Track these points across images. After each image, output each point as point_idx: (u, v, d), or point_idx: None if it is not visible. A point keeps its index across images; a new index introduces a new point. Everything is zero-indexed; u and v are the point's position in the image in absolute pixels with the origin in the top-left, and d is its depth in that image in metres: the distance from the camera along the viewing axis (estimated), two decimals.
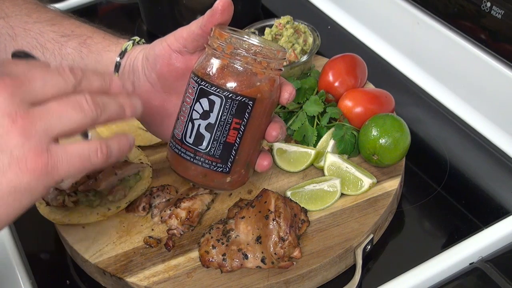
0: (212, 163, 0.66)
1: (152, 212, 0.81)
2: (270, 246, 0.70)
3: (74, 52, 0.72)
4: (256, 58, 0.63)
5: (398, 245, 0.80)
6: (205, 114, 0.64)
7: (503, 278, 0.69)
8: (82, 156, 0.51)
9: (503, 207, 0.83)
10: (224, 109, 0.63)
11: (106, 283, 0.76)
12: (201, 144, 0.65)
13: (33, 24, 0.73)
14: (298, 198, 0.80)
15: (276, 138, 0.68)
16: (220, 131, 0.64)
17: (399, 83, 1.06)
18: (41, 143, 0.48)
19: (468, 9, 0.92)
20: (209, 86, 0.63)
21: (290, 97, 0.67)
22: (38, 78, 0.50)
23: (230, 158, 0.66)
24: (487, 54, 0.92)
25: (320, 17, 1.24)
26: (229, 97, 0.63)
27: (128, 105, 0.56)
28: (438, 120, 0.98)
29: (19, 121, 0.47)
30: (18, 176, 0.48)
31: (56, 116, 0.49)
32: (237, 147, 0.65)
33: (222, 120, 0.64)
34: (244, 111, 0.64)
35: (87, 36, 0.73)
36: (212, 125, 0.64)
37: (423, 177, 0.89)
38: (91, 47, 0.72)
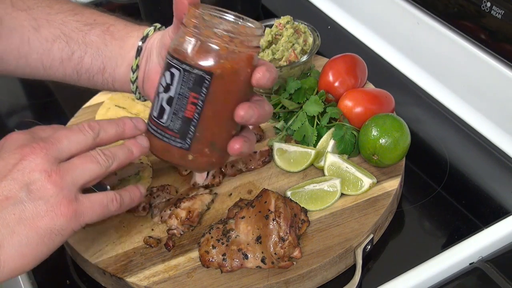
0: (172, 137, 0.64)
1: (152, 212, 0.81)
2: (270, 246, 0.70)
3: (98, 40, 0.73)
4: (217, 31, 0.61)
5: (398, 245, 0.80)
6: (167, 87, 0.64)
7: (503, 278, 0.69)
8: (102, 204, 0.62)
9: (503, 207, 0.83)
10: (182, 82, 0.62)
11: (106, 283, 0.76)
12: (162, 117, 0.64)
13: (56, 15, 0.74)
14: (298, 198, 0.80)
15: (243, 118, 0.63)
16: (179, 104, 0.63)
17: (399, 83, 1.06)
18: (70, 192, 0.59)
19: (468, 9, 0.92)
20: (171, 58, 0.63)
21: (263, 79, 0.63)
22: (63, 138, 0.61)
23: (189, 134, 0.64)
24: (487, 54, 0.92)
25: (320, 17, 1.24)
26: (186, 70, 0.62)
27: (135, 146, 0.66)
28: (438, 120, 0.98)
29: (53, 176, 0.58)
30: (54, 220, 0.58)
31: (79, 170, 0.60)
32: (196, 123, 0.63)
33: (180, 94, 0.63)
34: (201, 85, 0.62)
35: (110, 24, 0.75)
36: (172, 98, 0.63)
37: (423, 177, 0.89)
38: (114, 34, 0.74)
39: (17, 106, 1.13)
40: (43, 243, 0.58)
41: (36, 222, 0.57)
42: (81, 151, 0.62)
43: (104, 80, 0.75)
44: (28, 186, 0.58)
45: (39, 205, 0.58)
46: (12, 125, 1.11)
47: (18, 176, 0.58)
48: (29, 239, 0.57)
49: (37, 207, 0.58)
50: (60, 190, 0.58)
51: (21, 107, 1.11)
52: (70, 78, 0.76)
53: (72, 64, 0.74)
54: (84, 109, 1.00)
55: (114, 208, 0.63)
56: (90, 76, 0.75)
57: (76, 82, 0.77)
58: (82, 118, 0.98)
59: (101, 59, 0.73)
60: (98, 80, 0.75)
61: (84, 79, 0.75)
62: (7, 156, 0.59)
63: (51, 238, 0.58)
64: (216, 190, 0.84)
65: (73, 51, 0.73)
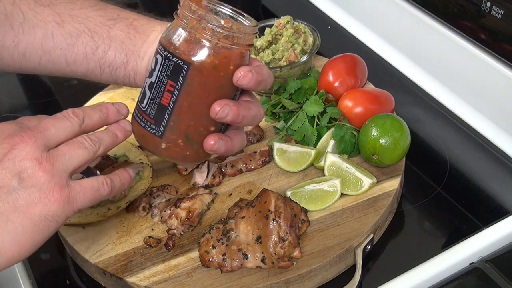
0: (147, 123, 0.65)
1: (152, 212, 0.81)
2: (270, 246, 0.70)
3: (122, 34, 0.74)
4: (202, 23, 0.61)
5: (398, 245, 0.80)
6: (151, 72, 0.65)
7: (503, 278, 0.69)
8: (93, 188, 0.62)
9: (503, 207, 0.83)
10: (162, 68, 0.63)
11: (106, 283, 0.76)
12: (143, 102, 0.66)
13: (79, 10, 0.75)
14: (298, 198, 0.80)
15: (217, 114, 0.63)
16: (157, 91, 0.64)
17: (399, 83, 1.06)
18: (61, 179, 0.60)
19: (468, 9, 0.92)
20: (158, 45, 0.64)
21: (243, 79, 0.62)
22: (50, 126, 0.62)
23: (163, 121, 0.64)
24: (487, 54, 0.92)
25: (320, 17, 1.24)
26: (167, 57, 0.62)
27: (119, 130, 0.67)
28: (438, 120, 0.98)
29: (43, 163, 0.59)
30: (47, 206, 0.59)
31: (68, 156, 0.61)
32: (170, 111, 0.63)
33: (159, 80, 0.63)
34: (178, 74, 0.62)
35: (133, 19, 0.75)
36: (152, 83, 0.64)
37: (423, 177, 0.89)
38: (137, 28, 0.74)
39: (17, 106, 1.13)
40: (38, 230, 0.58)
41: (30, 210, 0.58)
42: (68, 138, 0.63)
43: (126, 73, 0.75)
44: (20, 174, 0.58)
45: (32, 193, 0.58)
46: None
47: (9, 165, 0.58)
48: (24, 227, 0.58)
49: (30, 194, 0.58)
50: (52, 177, 0.59)
51: (21, 107, 1.11)
52: (92, 73, 0.76)
53: (96, 58, 0.74)
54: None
55: (106, 192, 0.64)
56: (113, 70, 0.75)
57: (98, 76, 0.77)
58: None
59: (124, 52, 0.74)
60: (120, 74, 0.75)
61: (106, 73, 0.75)
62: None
63: (45, 224, 0.59)
64: (216, 190, 0.84)
65: (98, 46, 0.74)
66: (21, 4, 0.73)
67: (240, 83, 0.63)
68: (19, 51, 0.74)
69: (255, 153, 0.87)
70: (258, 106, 0.67)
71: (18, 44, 0.73)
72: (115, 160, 0.85)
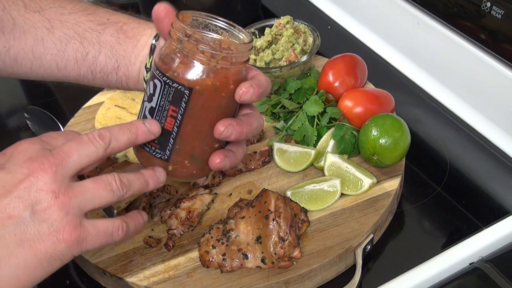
0: (152, 148, 0.64)
1: (152, 212, 0.81)
2: (270, 246, 0.70)
3: (112, 39, 0.73)
4: (199, 47, 0.59)
5: (398, 245, 0.80)
6: (150, 97, 0.63)
7: (503, 278, 0.69)
8: (107, 232, 0.59)
9: (503, 207, 0.83)
10: (163, 94, 0.61)
11: (106, 283, 0.76)
12: None
13: (69, 15, 0.74)
14: (298, 198, 0.80)
15: (221, 134, 0.62)
16: (159, 116, 0.62)
17: (399, 83, 1.06)
18: (75, 217, 0.57)
19: (468, 9, 0.92)
20: (155, 68, 0.63)
21: (245, 95, 0.62)
22: (73, 151, 0.58)
23: (169, 146, 0.63)
24: (487, 54, 0.92)
25: (320, 17, 1.24)
26: (167, 83, 0.61)
27: (152, 178, 0.63)
28: (438, 120, 0.98)
29: (60, 197, 0.56)
30: (55, 245, 0.56)
31: (90, 195, 0.57)
32: (175, 136, 0.63)
33: (161, 105, 0.62)
34: (180, 100, 0.61)
35: (123, 23, 0.74)
36: (153, 108, 0.63)
37: (423, 177, 0.89)
38: (127, 32, 0.74)
39: (17, 106, 1.13)
40: (41, 267, 0.56)
41: (37, 245, 0.55)
42: (92, 163, 0.59)
43: (118, 78, 0.75)
44: (33, 206, 0.55)
45: (42, 228, 0.55)
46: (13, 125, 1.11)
47: (24, 194, 0.55)
48: (27, 262, 0.55)
49: (40, 230, 0.55)
50: (66, 214, 0.56)
51: (21, 107, 1.11)
52: (84, 78, 0.75)
53: (87, 64, 0.74)
54: (84, 109, 1.00)
55: (119, 238, 0.60)
56: (105, 75, 0.75)
57: (90, 81, 0.76)
58: (82, 118, 0.98)
59: (115, 58, 0.73)
60: (112, 79, 0.75)
61: (98, 78, 0.75)
62: (15, 170, 0.56)
63: (49, 262, 0.56)
64: (216, 190, 0.84)
65: (88, 51, 0.73)
66: (11, 10, 0.73)
67: (242, 100, 0.62)
68: (10, 57, 0.73)
69: (255, 153, 0.87)
70: (258, 117, 0.67)
71: (9, 49, 0.73)
72: (115, 160, 0.85)
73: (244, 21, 1.08)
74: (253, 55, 0.97)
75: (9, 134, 1.08)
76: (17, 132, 1.07)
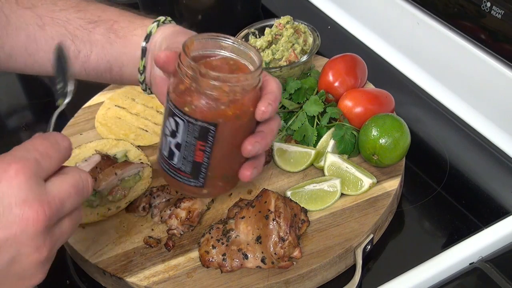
0: (185, 178, 0.65)
1: (152, 212, 0.81)
2: (270, 246, 0.70)
3: (103, 38, 0.73)
4: (215, 83, 0.60)
5: (398, 245, 0.80)
6: (173, 133, 0.63)
7: (503, 278, 0.69)
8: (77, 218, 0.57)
9: (503, 207, 0.83)
10: (188, 132, 0.62)
11: (106, 283, 0.76)
12: (173, 159, 0.65)
13: (60, 12, 0.73)
14: (298, 198, 0.80)
15: (250, 152, 0.64)
16: (187, 151, 0.63)
17: (399, 83, 1.06)
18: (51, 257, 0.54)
19: (468, 9, 0.92)
20: (173, 107, 0.62)
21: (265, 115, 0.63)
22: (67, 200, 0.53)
23: (201, 174, 0.65)
24: (487, 54, 0.92)
25: (320, 17, 1.24)
26: (190, 122, 0.61)
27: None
28: (438, 120, 0.98)
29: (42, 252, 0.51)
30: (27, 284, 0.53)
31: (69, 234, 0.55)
32: (207, 165, 0.64)
33: (187, 142, 0.63)
34: (207, 135, 0.62)
35: (114, 21, 0.74)
36: (179, 144, 0.63)
37: (423, 177, 0.89)
38: (118, 32, 0.73)
39: (17, 106, 1.13)
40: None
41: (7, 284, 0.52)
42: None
43: (113, 77, 0.75)
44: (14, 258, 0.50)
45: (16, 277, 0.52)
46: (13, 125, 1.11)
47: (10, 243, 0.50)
48: None
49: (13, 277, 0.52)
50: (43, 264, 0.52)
51: (21, 107, 1.11)
52: (79, 75, 0.75)
53: (80, 62, 0.74)
54: (84, 109, 1.00)
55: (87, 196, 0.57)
56: (98, 74, 0.74)
57: (85, 78, 0.76)
58: (82, 118, 0.98)
59: (107, 58, 0.73)
60: (106, 77, 0.75)
61: (92, 76, 0.75)
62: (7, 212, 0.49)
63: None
64: None
65: (79, 50, 0.73)
66: (4, 7, 0.72)
67: (263, 118, 0.63)
68: (5, 53, 0.73)
69: None
70: (277, 120, 0.67)
71: (3, 46, 0.72)
72: (115, 160, 0.85)
73: (244, 21, 1.08)
74: None
75: (9, 134, 1.08)
76: (17, 132, 1.07)
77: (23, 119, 1.05)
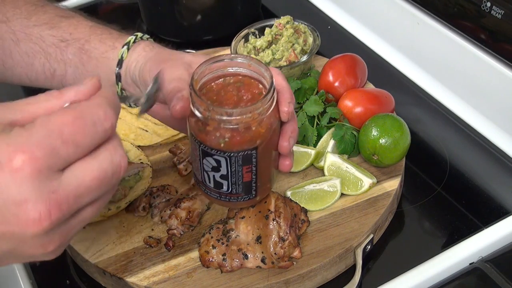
0: (238, 197, 0.68)
1: (152, 212, 0.81)
2: (270, 246, 0.70)
3: (75, 58, 0.71)
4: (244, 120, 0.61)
5: (398, 245, 0.80)
6: (215, 168, 0.65)
7: (503, 278, 0.69)
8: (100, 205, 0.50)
9: (503, 207, 0.83)
10: (231, 164, 0.64)
11: (106, 283, 0.76)
12: (222, 188, 0.67)
13: (33, 27, 0.72)
14: (298, 198, 0.80)
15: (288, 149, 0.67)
16: (235, 177, 0.65)
17: (399, 83, 1.06)
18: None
19: (468, 9, 0.92)
20: (209, 149, 0.63)
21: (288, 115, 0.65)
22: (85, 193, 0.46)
23: (253, 188, 0.68)
24: (487, 54, 0.92)
25: (320, 17, 1.24)
26: (232, 156, 0.63)
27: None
28: (438, 120, 0.98)
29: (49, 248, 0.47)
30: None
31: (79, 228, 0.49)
32: (256, 180, 0.67)
33: (233, 171, 0.65)
34: (250, 158, 0.64)
35: (85, 40, 0.72)
36: (225, 175, 0.65)
37: (423, 177, 0.89)
38: (90, 52, 0.71)
39: None
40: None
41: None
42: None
43: None
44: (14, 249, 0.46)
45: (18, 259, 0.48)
46: None
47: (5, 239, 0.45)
48: None
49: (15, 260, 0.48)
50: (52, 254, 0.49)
51: None
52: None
53: (57, 80, 0.72)
54: None
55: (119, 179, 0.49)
56: None
57: None
58: None
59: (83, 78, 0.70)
60: None
61: None
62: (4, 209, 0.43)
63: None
64: None
65: (54, 68, 0.71)
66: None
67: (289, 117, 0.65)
68: None
69: None
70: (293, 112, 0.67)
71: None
72: None
73: (244, 21, 1.08)
74: (253, 55, 0.97)
75: None
76: None
77: None
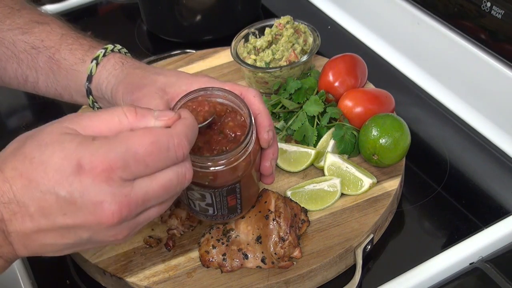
0: (225, 217, 0.70)
1: None
2: (270, 246, 0.70)
3: (46, 67, 0.71)
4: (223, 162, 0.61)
5: (398, 245, 0.80)
6: (200, 198, 0.66)
7: (503, 278, 0.69)
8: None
9: (503, 207, 0.83)
10: (216, 196, 0.65)
11: (106, 283, 0.76)
12: (208, 211, 0.69)
13: (6, 32, 0.71)
14: (298, 198, 0.80)
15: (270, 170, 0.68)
16: (220, 204, 0.67)
17: (399, 83, 1.06)
18: None
19: (468, 9, 0.92)
20: (193, 185, 0.64)
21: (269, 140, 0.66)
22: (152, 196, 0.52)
23: (238, 209, 0.70)
24: (487, 54, 0.92)
25: (320, 17, 1.24)
26: (216, 192, 0.65)
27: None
28: (438, 120, 0.98)
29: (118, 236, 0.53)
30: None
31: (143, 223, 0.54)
32: (240, 202, 0.69)
33: (218, 201, 0.66)
34: (234, 189, 0.66)
35: (55, 49, 0.71)
36: (210, 203, 0.67)
37: (423, 177, 0.89)
38: (59, 63, 0.71)
39: (17, 106, 1.13)
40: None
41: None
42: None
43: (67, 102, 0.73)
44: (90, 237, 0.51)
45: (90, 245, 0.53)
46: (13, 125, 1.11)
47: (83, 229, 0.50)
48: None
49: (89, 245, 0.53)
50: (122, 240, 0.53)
51: (21, 107, 1.11)
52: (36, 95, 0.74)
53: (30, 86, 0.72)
54: (84, 109, 1.00)
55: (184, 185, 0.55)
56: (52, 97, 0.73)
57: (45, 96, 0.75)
58: None
59: (54, 86, 0.71)
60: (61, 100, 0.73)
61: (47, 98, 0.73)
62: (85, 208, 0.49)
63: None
64: None
65: (27, 75, 0.71)
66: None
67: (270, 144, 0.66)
68: None
69: None
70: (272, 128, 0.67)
71: None
72: None
73: (244, 21, 1.08)
74: (253, 55, 0.97)
75: (9, 134, 1.08)
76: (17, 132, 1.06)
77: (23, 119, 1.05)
